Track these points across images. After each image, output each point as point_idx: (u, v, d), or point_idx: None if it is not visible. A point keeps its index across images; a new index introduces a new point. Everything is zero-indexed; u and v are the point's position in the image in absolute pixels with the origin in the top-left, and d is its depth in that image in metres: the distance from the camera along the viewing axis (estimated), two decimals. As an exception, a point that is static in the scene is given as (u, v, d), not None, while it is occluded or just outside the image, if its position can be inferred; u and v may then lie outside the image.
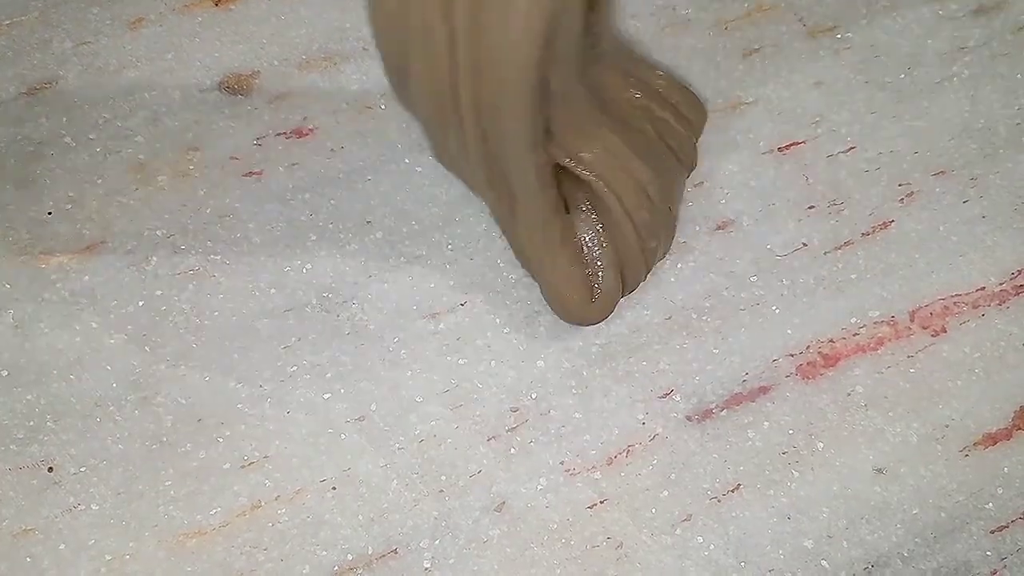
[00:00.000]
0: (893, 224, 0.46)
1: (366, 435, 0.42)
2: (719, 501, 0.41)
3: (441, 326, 0.44)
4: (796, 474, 0.42)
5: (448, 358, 0.43)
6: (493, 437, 0.42)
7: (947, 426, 0.43)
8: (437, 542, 0.40)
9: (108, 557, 0.40)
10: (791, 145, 0.48)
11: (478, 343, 0.43)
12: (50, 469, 0.41)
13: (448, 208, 0.46)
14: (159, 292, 0.44)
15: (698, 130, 0.47)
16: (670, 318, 0.44)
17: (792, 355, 0.44)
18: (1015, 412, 0.43)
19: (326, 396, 0.42)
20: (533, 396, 0.43)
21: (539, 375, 0.43)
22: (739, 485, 0.42)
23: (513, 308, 0.44)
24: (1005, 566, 0.41)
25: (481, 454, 0.42)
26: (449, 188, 0.46)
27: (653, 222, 0.43)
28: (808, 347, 0.44)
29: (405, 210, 0.46)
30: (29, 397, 0.42)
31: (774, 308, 0.45)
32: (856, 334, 0.44)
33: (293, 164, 0.46)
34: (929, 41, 0.50)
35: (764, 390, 0.43)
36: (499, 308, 0.44)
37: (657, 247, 0.44)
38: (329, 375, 0.42)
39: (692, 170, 0.47)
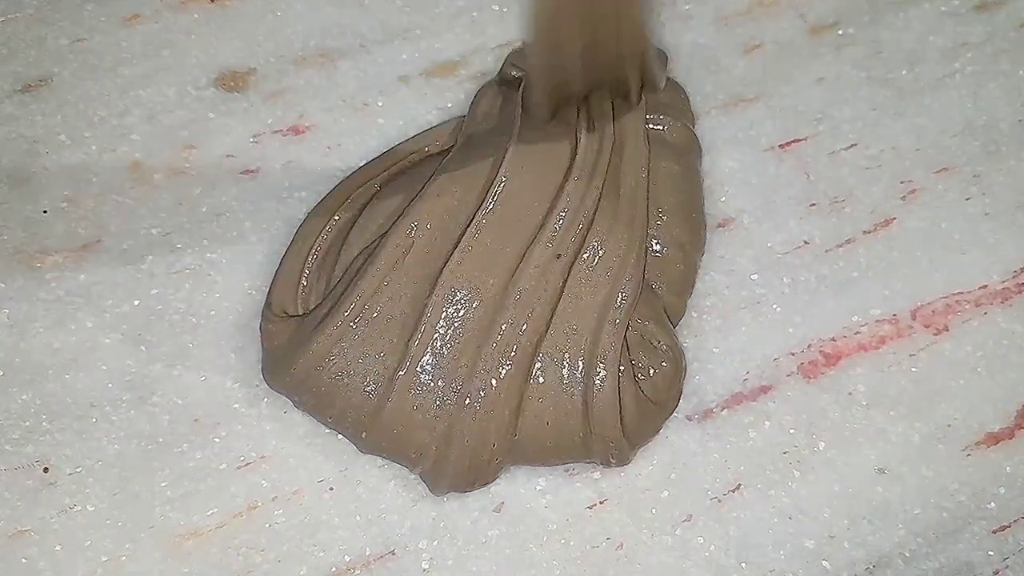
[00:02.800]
0: (895, 222, 0.46)
1: (364, 435, 0.41)
2: (720, 501, 0.41)
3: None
4: (797, 474, 0.42)
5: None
6: (492, 437, 0.42)
7: (949, 425, 0.43)
8: (435, 543, 0.40)
9: (104, 558, 0.39)
10: (792, 142, 0.48)
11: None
12: (45, 470, 0.40)
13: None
14: (155, 291, 0.43)
15: (684, 112, 0.46)
16: (670, 317, 0.44)
17: (793, 354, 0.44)
18: (1018, 411, 0.43)
19: (323, 396, 0.42)
20: (532, 396, 0.42)
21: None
22: (740, 485, 0.41)
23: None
24: (1007, 566, 0.41)
25: (480, 454, 0.41)
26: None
27: (686, 268, 0.44)
28: (809, 346, 0.44)
29: (403, 208, 0.45)
30: (24, 397, 0.41)
31: (775, 307, 0.44)
32: (858, 333, 0.44)
33: (289, 162, 0.46)
34: (931, 37, 0.50)
35: (765, 389, 0.43)
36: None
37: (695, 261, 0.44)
38: (326, 375, 0.42)
39: (700, 154, 0.46)
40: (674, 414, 0.42)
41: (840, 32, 0.50)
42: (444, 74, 0.48)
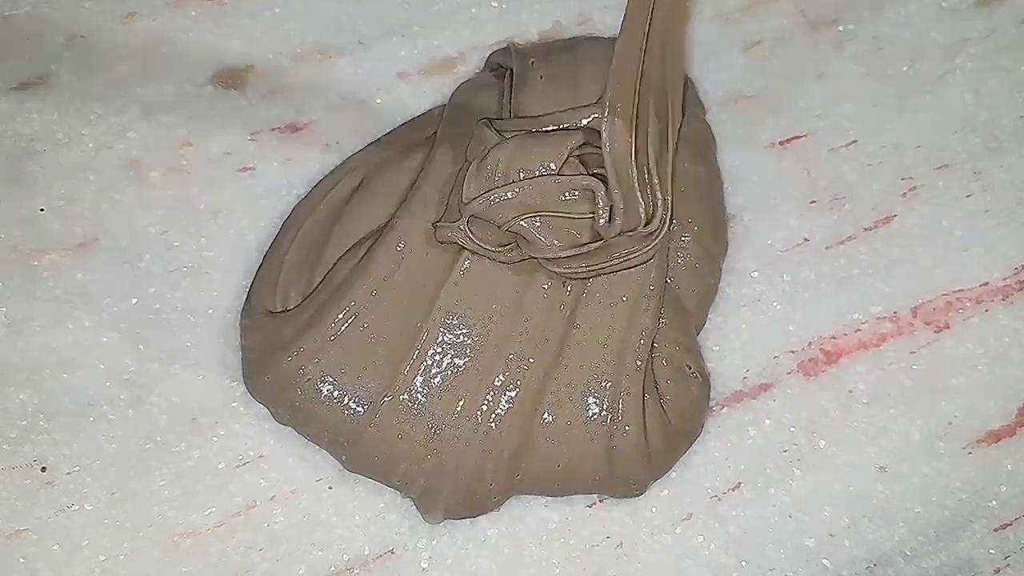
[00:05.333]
0: (896, 219, 0.46)
1: (362, 434, 0.41)
2: (720, 500, 0.41)
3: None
4: (797, 472, 0.42)
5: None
6: (491, 436, 0.41)
7: (950, 423, 0.42)
8: (434, 542, 0.40)
9: (102, 558, 0.39)
10: (792, 139, 0.47)
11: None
12: (43, 469, 0.40)
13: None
14: (152, 290, 0.43)
15: (694, 102, 0.45)
16: (670, 315, 0.44)
17: (793, 352, 0.43)
18: (1019, 409, 0.43)
19: (322, 394, 0.42)
20: (531, 394, 0.42)
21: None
22: (740, 483, 0.41)
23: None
24: (1008, 564, 0.41)
25: (479, 453, 0.41)
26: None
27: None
28: (810, 343, 0.44)
29: (401, 206, 0.45)
30: (22, 396, 0.41)
31: (775, 304, 0.44)
32: (858, 330, 0.44)
33: (287, 159, 0.46)
34: (932, 33, 0.49)
35: (765, 387, 0.43)
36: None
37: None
38: (325, 373, 0.42)
39: (716, 146, 0.45)
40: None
41: (840, 28, 0.49)
42: (443, 71, 0.48)
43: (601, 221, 0.36)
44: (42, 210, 0.44)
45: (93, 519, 0.40)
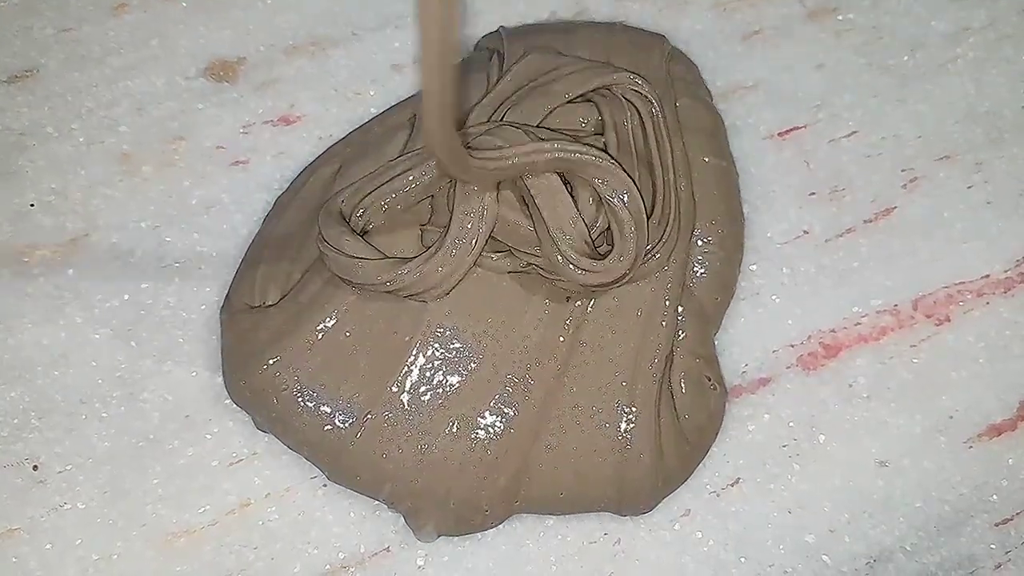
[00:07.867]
0: (896, 211, 0.45)
1: (358, 431, 0.41)
2: (719, 495, 0.41)
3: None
4: (797, 467, 0.41)
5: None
6: (487, 432, 0.41)
7: (951, 417, 0.42)
8: (431, 540, 0.40)
9: (95, 557, 0.39)
10: (791, 130, 0.47)
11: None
12: (35, 467, 0.40)
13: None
14: (144, 285, 0.43)
15: (703, 87, 0.44)
16: (668, 309, 0.43)
17: (793, 346, 0.43)
18: (1020, 403, 0.43)
19: (316, 391, 0.41)
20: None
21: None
22: (739, 479, 0.41)
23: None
24: (1009, 559, 0.41)
25: (475, 449, 0.41)
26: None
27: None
28: (809, 337, 0.43)
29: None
30: (13, 394, 0.41)
31: (774, 297, 0.44)
32: (858, 324, 0.43)
33: (280, 153, 0.45)
34: (933, 22, 0.49)
35: (764, 382, 0.42)
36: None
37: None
38: (319, 369, 0.41)
39: (725, 130, 0.44)
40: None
41: (840, 17, 0.49)
42: (438, 62, 0.47)
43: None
44: (32, 205, 0.44)
45: (86, 518, 0.39)
